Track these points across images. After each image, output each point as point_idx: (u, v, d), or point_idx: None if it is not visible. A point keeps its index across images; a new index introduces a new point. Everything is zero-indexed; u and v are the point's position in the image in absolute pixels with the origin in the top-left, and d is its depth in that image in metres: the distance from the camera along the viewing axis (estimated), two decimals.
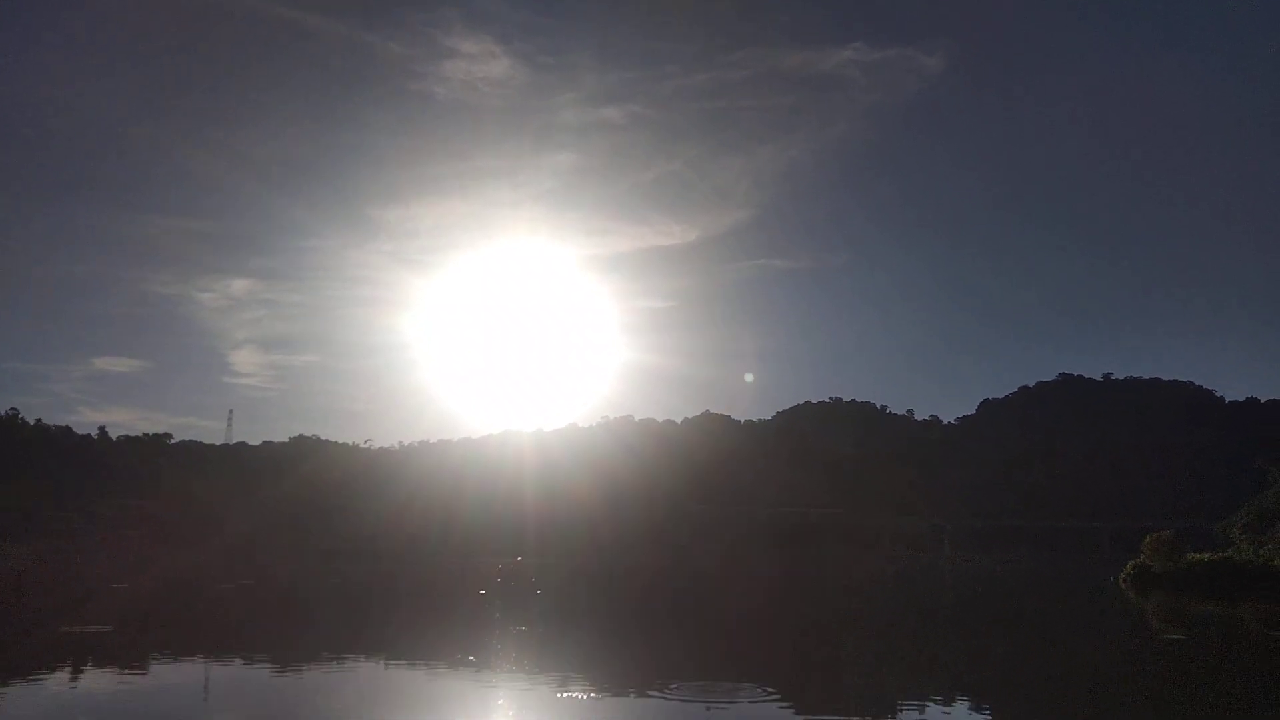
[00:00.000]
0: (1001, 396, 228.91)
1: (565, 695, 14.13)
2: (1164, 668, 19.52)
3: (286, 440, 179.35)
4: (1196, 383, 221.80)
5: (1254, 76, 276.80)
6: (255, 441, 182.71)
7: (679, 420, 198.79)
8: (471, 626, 26.03)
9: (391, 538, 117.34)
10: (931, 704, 14.55)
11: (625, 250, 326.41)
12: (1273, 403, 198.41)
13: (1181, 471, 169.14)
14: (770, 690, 14.75)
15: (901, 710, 14.12)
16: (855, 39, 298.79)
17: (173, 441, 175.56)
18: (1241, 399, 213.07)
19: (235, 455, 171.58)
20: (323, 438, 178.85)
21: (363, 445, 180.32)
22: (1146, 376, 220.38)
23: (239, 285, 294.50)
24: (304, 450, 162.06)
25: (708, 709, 13.00)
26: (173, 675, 16.99)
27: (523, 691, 14.45)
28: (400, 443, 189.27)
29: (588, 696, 14.21)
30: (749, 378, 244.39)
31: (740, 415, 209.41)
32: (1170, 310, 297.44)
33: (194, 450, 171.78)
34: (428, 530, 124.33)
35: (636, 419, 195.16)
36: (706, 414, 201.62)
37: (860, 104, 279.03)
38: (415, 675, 16.54)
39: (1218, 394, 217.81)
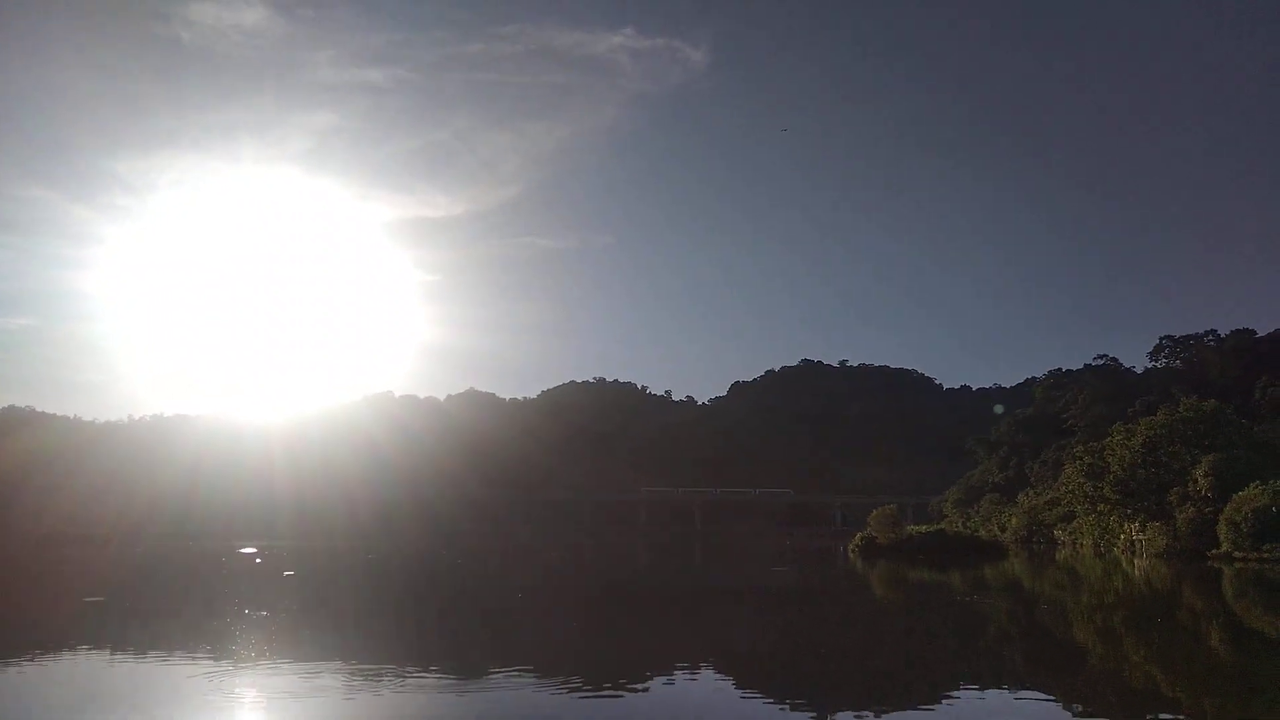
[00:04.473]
0: (750, 379, 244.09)
1: (310, 684, 13.25)
2: (881, 629, 21.89)
3: None
4: (920, 371, 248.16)
5: (981, 85, 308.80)
6: None
7: (442, 397, 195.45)
8: (209, 613, 24.18)
9: (119, 520, 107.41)
10: (679, 671, 14.95)
11: (387, 220, 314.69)
12: (982, 390, 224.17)
13: (904, 451, 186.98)
14: (527, 669, 14.71)
15: (651, 678, 14.35)
16: (626, 24, 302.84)
17: None
18: (957, 386, 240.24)
19: None
20: (38, 409, 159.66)
21: (86, 420, 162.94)
22: (877, 364, 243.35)
23: None
24: (14, 422, 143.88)
25: (461, 695, 12.67)
26: None
27: (264, 681, 13.40)
28: (130, 417, 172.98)
29: (334, 687, 13.26)
30: None
31: (505, 393, 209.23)
32: (898, 303, 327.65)
33: None
34: (161, 512, 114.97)
35: (397, 395, 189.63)
36: (471, 391, 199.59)
37: (629, 90, 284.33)
38: (143, 669, 14.87)
39: (936, 381, 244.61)
